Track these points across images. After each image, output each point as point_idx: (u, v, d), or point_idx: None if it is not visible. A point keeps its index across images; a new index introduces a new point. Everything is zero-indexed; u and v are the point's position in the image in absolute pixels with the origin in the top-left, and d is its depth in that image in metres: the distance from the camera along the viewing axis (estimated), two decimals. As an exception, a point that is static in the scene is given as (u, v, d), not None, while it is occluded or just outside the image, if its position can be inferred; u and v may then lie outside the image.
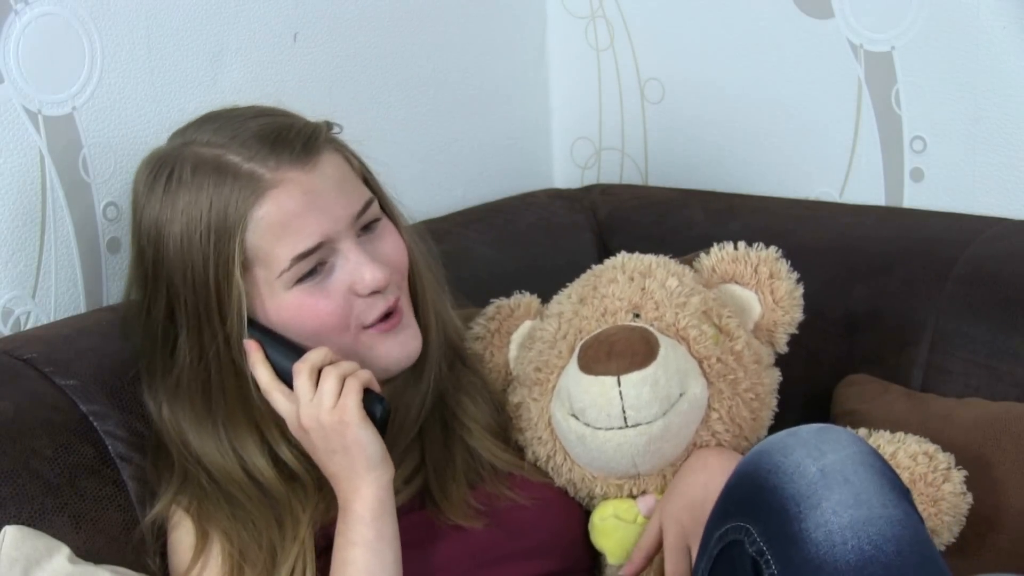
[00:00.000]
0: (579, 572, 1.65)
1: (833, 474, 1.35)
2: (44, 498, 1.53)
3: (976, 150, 2.00)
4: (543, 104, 2.33)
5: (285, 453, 1.58)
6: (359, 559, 1.50)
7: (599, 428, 1.58)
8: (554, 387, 1.64)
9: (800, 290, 1.69)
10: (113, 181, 1.80)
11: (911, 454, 1.59)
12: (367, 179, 1.63)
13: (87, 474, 1.57)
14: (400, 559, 1.52)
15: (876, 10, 2.03)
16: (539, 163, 2.33)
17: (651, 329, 1.59)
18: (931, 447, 1.60)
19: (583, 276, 1.71)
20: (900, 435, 1.62)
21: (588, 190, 2.26)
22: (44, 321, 1.75)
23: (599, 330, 1.61)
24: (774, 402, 1.67)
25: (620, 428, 1.57)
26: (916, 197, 2.05)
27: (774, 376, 1.68)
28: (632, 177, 2.30)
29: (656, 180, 2.28)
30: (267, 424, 1.58)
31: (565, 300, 1.69)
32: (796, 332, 1.70)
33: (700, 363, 1.61)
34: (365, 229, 1.58)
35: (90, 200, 1.78)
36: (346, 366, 1.53)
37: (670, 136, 2.25)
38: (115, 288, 1.81)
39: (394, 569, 1.52)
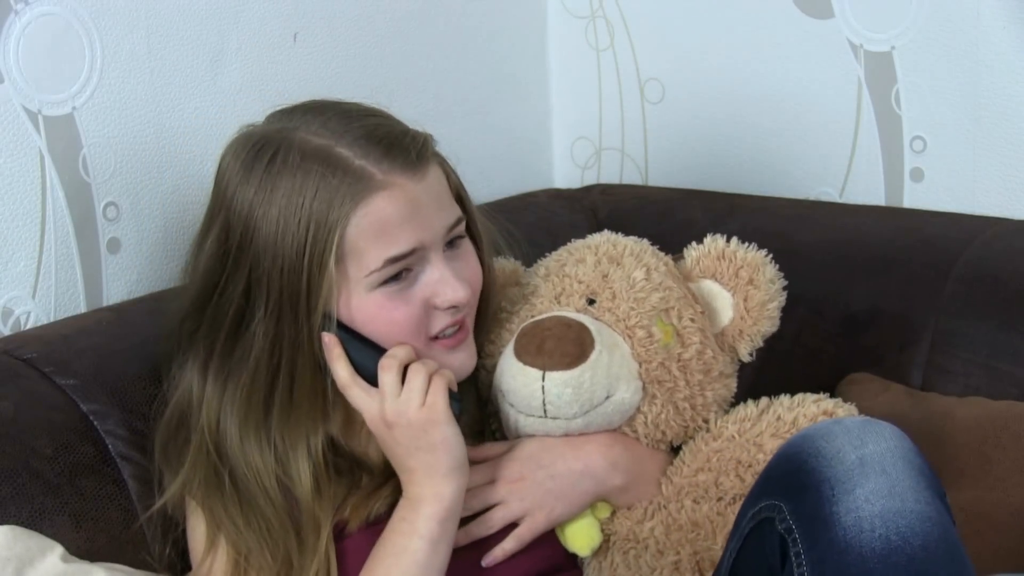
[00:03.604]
0: (569, 570, 1.65)
1: (871, 463, 1.38)
2: (44, 498, 1.53)
3: (976, 150, 2.00)
4: (543, 104, 2.33)
5: (343, 448, 1.58)
6: (419, 552, 1.51)
7: (521, 413, 1.59)
8: None
9: (778, 302, 1.65)
10: (113, 181, 1.80)
11: (810, 416, 1.59)
12: (460, 196, 1.64)
13: (87, 473, 1.57)
14: (446, 565, 1.54)
15: (876, 10, 2.03)
16: (539, 163, 2.33)
17: (592, 327, 1.58)
18: (829, 404, 1.60)
19: (562, 248, 1.71)
20: (800, 397, 1.62)
21: (588, 190, 2.26)
22: (44, 321, 1.75)
23: (545, 315, 1.61)
24: (712, 414, 1.64)
25: (540, 417, 1.58)
26: (916, 197, 2.05)
27: (723, 388, 1.65)
28: (632, 177, 2.30)
29: (656, 180, 2.28)
30: (334, 420, 1.59)
31: (538, 271, 1.69)
32: (762, 344, 1.66)
33: (640, 365, 1.60)
34: (450, 245, 1.59)
35: (90, 200, 1.78)
36: (432, 364, 1.55)
37: (670, 136, 2.25)
38: (115, 288, 1.81)
39: (442, 571, 1.53)
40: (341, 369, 1.55)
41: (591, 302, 1.62)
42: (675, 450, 1.66)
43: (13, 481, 1.52)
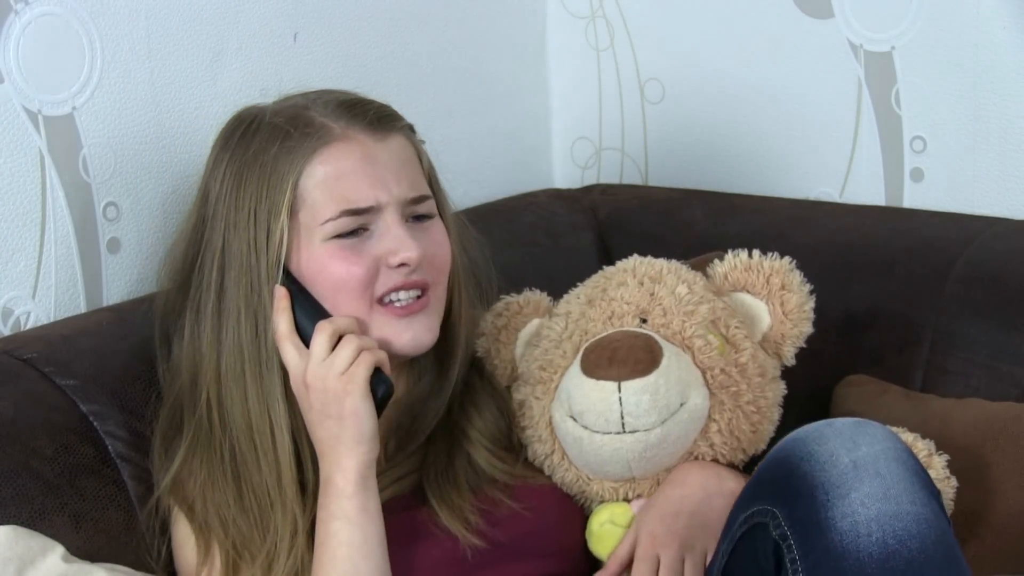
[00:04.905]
0: (576, 575, 1.65)
1: (865, 466, 1.37)
2: (44, 498, 1.53)
3: (976, 150, 2.00)
4: (543, 104, 2.33)
5: (301, 435, 1.57)
6: (341, 532, 1.51)
7: (596, 432, 1.58)
8: (556, 387, 1.64)
9: (811, 303, 1.67)
10: (113, 181, 1.80)
11: None
12: (432, 181, 1.65)
13: (87, 474, 1.58)
14: (384, 534, 1.53)
15: (876, 10, 2.03)
16: (539, 163, 2.33)
17: (656, 337, 1.59)
18: (909, 436, 1.60)
19: (593, 277, 1.71)
20: None
21: (588, 190, 2.26)
22: (44, 321, 1.75)
23: (604, 333, 1.61)
24: (776, 415, 1.67)
25: (618, 433, 1.57)
26: (916, 197, 2.05)
27: (778, 389, 1.67)
28: (632, 177, 2.30)
29: (656, 180, 2.28)
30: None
31: (574, 300, 1.69)
32: (804, 345, 1.69)
33: (704, 373, 1.61)
34: (416, 219, 1.61)
35: (90, 200, 1.78)
36: (367, 340, 1.55)
37: (670, 136, 2.25)
38: (115, 288, 1.81)
39: (377, 543, 1.52)
40: (282, 322, 1.56)
41: (643, 321, 1.63)
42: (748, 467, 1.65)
43: (13, 481, 1.52)
